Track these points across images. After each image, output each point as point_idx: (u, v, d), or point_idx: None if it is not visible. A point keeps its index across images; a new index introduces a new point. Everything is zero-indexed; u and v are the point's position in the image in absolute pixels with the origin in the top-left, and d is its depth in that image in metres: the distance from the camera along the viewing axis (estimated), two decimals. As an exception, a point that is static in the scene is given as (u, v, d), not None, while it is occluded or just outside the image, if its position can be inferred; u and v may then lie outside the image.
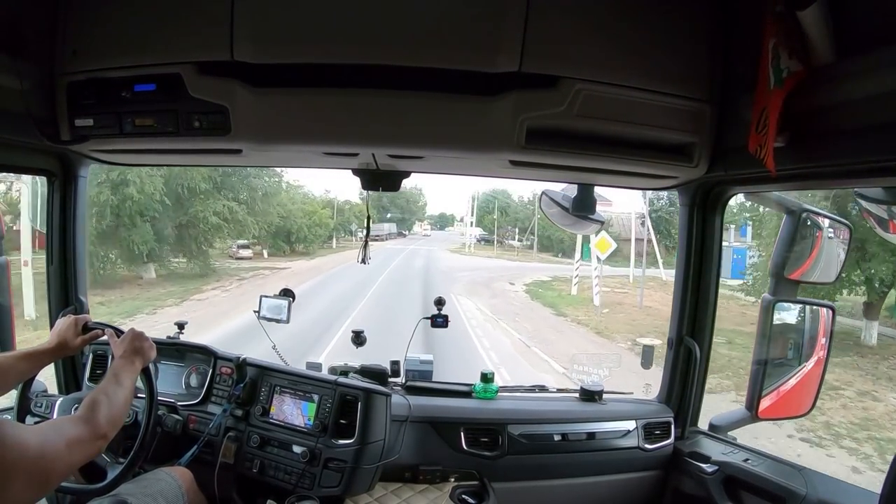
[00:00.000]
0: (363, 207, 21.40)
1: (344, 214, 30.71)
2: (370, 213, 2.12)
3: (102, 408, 1.16)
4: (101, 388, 1.23)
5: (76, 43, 1.46)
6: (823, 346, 1.87)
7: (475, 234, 37.32)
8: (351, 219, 30.98)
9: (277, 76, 1.39)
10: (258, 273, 18.33)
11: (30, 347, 1.45)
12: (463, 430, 1.95)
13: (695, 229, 1.92)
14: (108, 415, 1.16)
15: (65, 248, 1.96)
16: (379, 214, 33.38)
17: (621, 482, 2.02)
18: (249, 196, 17.00)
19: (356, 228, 30.06)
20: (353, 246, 27.80)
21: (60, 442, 1.04)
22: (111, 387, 1.25)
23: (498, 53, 1.35)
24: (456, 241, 39.24)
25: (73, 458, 1.08)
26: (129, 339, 1.42)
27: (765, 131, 1.23)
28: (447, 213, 58.67)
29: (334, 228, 29.07)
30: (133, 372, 1.36)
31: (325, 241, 27.81)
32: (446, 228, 53.50)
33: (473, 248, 33.97)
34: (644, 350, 2.20)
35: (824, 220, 1.94)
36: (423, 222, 51.38)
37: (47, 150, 1.74)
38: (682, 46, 1.46)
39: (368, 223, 2.10)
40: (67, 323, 1.47)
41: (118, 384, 1.27)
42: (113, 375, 1.30)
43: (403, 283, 16.74)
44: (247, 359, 1.94)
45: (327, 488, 1.73)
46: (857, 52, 1.12)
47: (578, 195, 2.00)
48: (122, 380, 1.29)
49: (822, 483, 1.59)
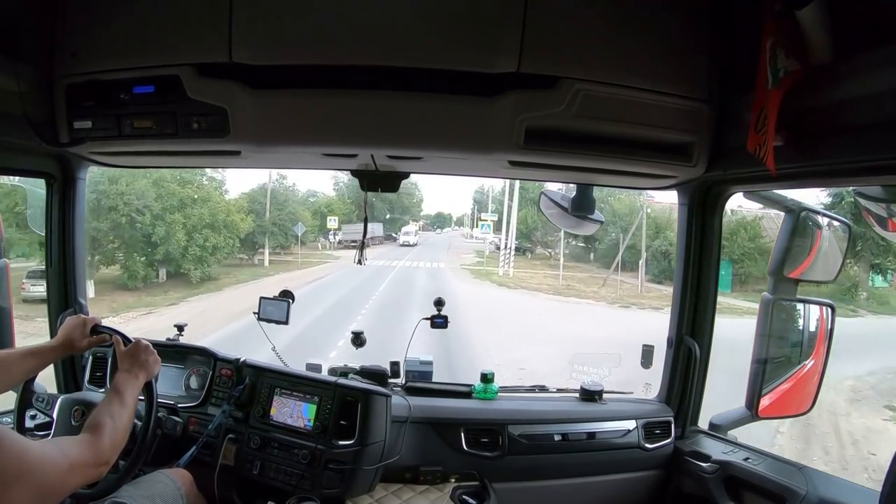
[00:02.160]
0: (335, 202, 19.56)
1: (284, 210, 20.93)
2: (342, 212, 2.10)
3: (107, 431, 1.15)
4: (106, 409, 1.21)
5: (75, 45, 1.46)
6: (823, 345, 1.87)
7: (491, 238, 25.44)
8: (306, 217, 21.79)
9: (276, 78, 1.39)
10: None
11: (35, 345, 1.43)
12: (463, 431, 1.95)
13: (694, 229, 1.93)
14: (112, 439, 1.15)
15: (64, 250, 1.96)
16: (360, 213, 27.05)
17: (622, 482, 2.02)
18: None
19: (307, 231, 21.61)
20: (308, 261, 20.77)
21: (63, 462, 1.03)
22: (116, 408, 1.23)
23: (497, 54, 1.35)
24: (463, 248, 27.54)
25: (74, 481, 1.06)
26: (136, 351, 1.40)
27: (764, 130, 1.23)
28: (444, 213, 50.57)
29: (267, 234, 19.93)
30: (136, 387, 1.35)
31: (251, 257, 19.78)
32: (444, 230, 46.29)
33: (512, 268, 20.47)
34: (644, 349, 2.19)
35: (823, 219, 1.94)
36: (419, 222, 38.61)
37: (46, 153, 1.74)
38: (681, 46, 1.46)
39: (366, 224, 2.10)
40: (76, 322, 1.46)
41: (122, 404, 1.25)
42: (117, 393, 1.28)
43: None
44: (246, 360, 1.94)
45: (328, 489, 1.73)
46: (855, 51, 1.12)
47: (577, 195, 2.00)
48: (125, 399, 1.27)
49: (823, 481, 1.59)
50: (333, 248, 24.09)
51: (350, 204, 24.15)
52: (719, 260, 1.96)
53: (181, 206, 15.73)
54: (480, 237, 28.19)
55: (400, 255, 24.26)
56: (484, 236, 26.27)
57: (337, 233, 24.30)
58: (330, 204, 24.78)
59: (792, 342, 1.93)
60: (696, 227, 1.92)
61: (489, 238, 25.23)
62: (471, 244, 28.83)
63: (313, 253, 23.42)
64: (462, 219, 48.04)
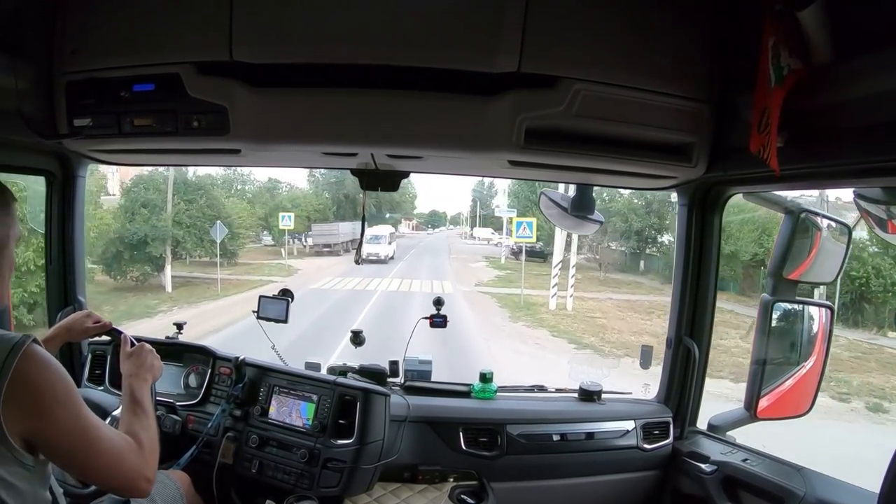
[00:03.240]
0: (306, 197, 16.17)
1: (195, 204, 14.62)
2: (313, 208, 2.09)
3: (146, 446, 1.12)
4: (136, 422, 1.18)
5: (75, 42, 1.46)
6: (822, 346, 1.87)
7: (508, 242, 19.89)
8: (241, 211, 16.27)
9: (276, 76, 1.39)
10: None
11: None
12: (462, 430, 1.95)
13: (693, 230, 1.93)
14: (152, 453, 1.14)
15: (64, 247, 1.96)
16: (339, 210, 21.16)
17: (620, 482, 2.02)
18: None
19: (236, 235, 15.30)
20: (247, 280, 14.09)
21: (121, 453, 1.05)
22: (143, 419, 1.20)
23: (497, 53, 1.35)
24: (467, 253, 21.24)
25: (120, 472, 1.06)
26: (143, 353, 1.39)
27: (767, 131, 1.23)
28: (439, 211, 46.58)
29: (168, 240, 13.56)
30: (149, 391, 1.34)
31: (145, 275, 13.34)
32: (438, 229, 42.18)
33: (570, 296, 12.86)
34: (643, 350, 2.19)
35: (823, 220, 1.94)
36: (412, 220, 33.73)
37: (46, 150, 1.74)
38: (681, 46, 1.46)
39: (364, 224, 2.10)
40: (81, 314, 1.51)
41: (147, 414, 1.23)
42: (137, 403, 1.24)
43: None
44: (245, 359, 1.94)
45: (326, 488, 1.73)
46: (856, 52, 1.12)
47: (577, 195, 2.00)
48: (146, 407, 1.25)
49: (821, 483, 1.59)
50: (303, 255, 19.35)
51: (327, 199, 20.52)
52: (719, 261, 1.96)
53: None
54: (485, 239, 24.58)
55: (379, 270, 17.02)
56: (488, 237, 22.53)
57: (301, 235, 19.58)
58: (296, 199, 20.18)
59: (791, 343, 1.94)
60: (696, 228, 1.92)
61: (494, 240, 21.13)
62: (473, 247, 23.79)
63: (266, 264, 17.55)
64: (457, 217, 44.36)
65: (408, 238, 31.49)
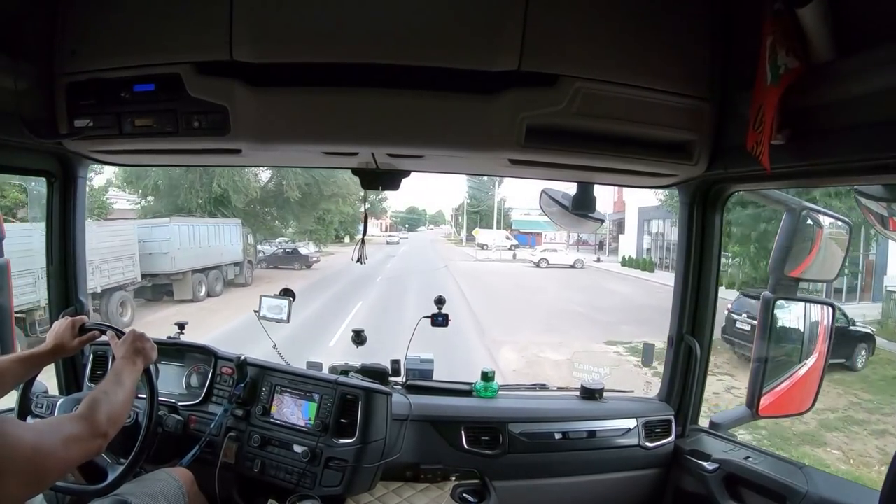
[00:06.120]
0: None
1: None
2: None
3: (102, 406, 1.16)
4: (102, 388, 1.23)
5: (75, 43, 1.46)
6: (823, 344, 1.87)
7: (538, 251, 16.01)
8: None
9: (276, 76, 1.39)
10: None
11: (27, 351, 1.44)
12: (463, 429, 1.95)
13: (695, 227, 1.92)
14: (108, 413, 1.16)
15: (65, 248, 1.96)
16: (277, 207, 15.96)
17: (622, 480, 2.02)
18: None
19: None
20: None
21: (57, 439, 1.04)
22: (112, 386, 1.24)
23: (497, 52, 1.35)
24: (483, 275, 16.07)
25: (70, 456, 1.07)
26: (131, 340, 1.42)
27: (761, 128, 1.23)
28: (418, 208, 38.85)
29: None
30: (135, 372, 1.36)
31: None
32: (418, 230, 35.90)
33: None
34: (644, 348, 2.19)
35: (824, 218, 1.94)
36: (386, 220, 28.64)
37: (47, 151, 1.74)
38: (682, 44, 1.46)
39: (366, 223, 2.10)
40: (64, 325, 1.46)
41: (119, 384, 1.27)
42: (114, 375, 1.29)
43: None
44: (247, 358, 1.94)
45: (328, 488, 1.73)
46: (856, 50, 1.12)
47: (578, 193, 2.00)
48: (122, 379, 1.29)
49: (824, 481, 1.59)
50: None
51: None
52: (720, 259, 1.96)
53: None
54: (499, 247, 18.52)
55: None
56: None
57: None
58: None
59: (792, 341, 1.93)
60: (697, 226, 1.92)
61: (511, 247, 16.02)
62: (490, 265, 16.69)
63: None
64: (437, 216, 39.01)
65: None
